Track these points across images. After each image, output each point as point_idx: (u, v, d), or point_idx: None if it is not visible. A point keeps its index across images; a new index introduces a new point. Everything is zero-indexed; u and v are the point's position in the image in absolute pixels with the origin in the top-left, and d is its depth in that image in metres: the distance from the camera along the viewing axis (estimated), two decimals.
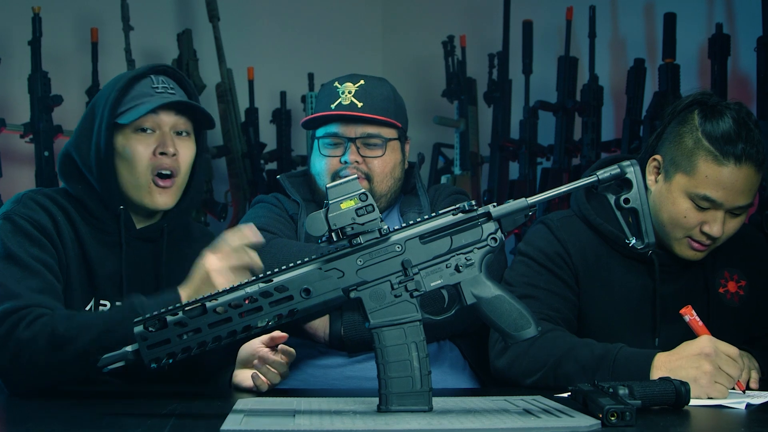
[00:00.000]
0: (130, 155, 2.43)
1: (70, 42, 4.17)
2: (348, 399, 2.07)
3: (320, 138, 2.85)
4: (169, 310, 1.84)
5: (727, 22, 3.66)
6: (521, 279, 2.62)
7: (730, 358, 2.22)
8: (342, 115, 2.81)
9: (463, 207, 1.92)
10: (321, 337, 2.67)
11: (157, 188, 2.45)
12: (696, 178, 2.43)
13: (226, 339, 1.87)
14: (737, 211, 2.47)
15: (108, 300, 2.44)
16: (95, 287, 2.43)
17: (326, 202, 1.86)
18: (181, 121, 2.48)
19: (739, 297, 2.65)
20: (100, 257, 2.44)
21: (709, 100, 2.49)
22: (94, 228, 2.45)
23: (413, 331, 1.87)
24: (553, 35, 4.29)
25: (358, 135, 2.81)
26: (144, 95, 2.44)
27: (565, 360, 2.39)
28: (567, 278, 2.61)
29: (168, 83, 2.48)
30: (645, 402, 1.92)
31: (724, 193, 2.41)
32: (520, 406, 1.94)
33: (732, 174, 2.40)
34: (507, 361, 2.50)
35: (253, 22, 4.61)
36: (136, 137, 2.44)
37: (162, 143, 2.44)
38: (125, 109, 2.43)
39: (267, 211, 2.87)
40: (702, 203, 2.44)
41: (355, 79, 2.86)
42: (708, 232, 2.46)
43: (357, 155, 2.80)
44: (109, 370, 1.87)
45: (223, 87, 4.27)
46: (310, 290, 1.86)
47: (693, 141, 2.44)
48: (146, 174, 2.44)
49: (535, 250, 2.64)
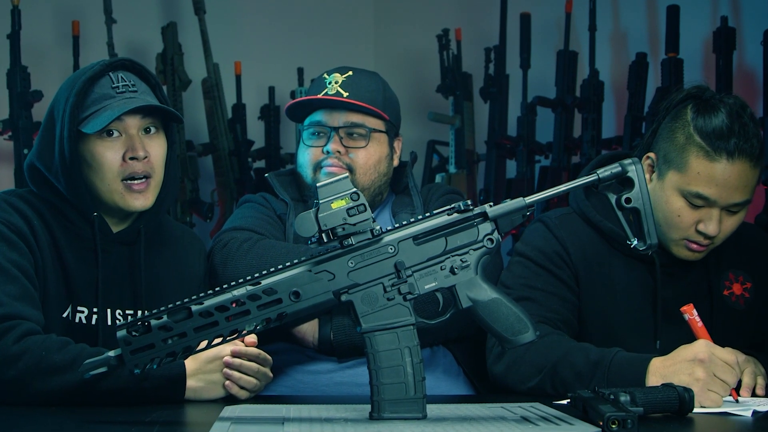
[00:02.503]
0: (99, 162, 2.38)
1: (50, 35, 4.16)
2: (339, 406, 2.07)
3: (305, 128, 2.87)
4: (153, 314, 1.84)
5: (732, 15, 3.66)
6: (518, 281, 2.61)
7: (727, 365, 2.22)
8: (325, 101, 2.82)
9: (459, 207, 1.93)
10: (310, 342, 2.67)
11: (132, 193, 2.40)
12: (688, 175, 2.43)
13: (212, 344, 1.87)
14: (734, 209, 2.46)
15: (85, 307, 2.42)
16: (72, 293, 2.41)
17: (316, 202, 1.86)
18: (147, 120, 2.42)
19: (744, 300, 2.65)
20: (77, 262, 2.42)
21: (703, 94, 2.50)
22: (70, 232, 2.43)
23: (406, 336, 1.87)
24: (552, 28, 4.30)
25: (341, 124, 2.82)
26: (105, 97, 2.37)
27: (561, 366, 2.39)
28: (566, 278, 2.60)
29: (128, 79, 2.41)
30: (647, 409, 1.92)
31: (717, 190, 2.41)
32: (518, 413, 1.94)
33: (725, 170, 2.39)
34: (504, 367, 2.49)
35: (241, 15, 4.60)
36: (103, 143, 2.37)
37: (131, 147, 2.38)
38: (87, 115, 2.36)
39: (254, 211, 2.86)
40: (695, 201, 2.43)
41: (343, 70, 2.87)
42: (704, 231, 2.45)
43: (339, 145, 2.80)
44: (90, 376, 1.88)
45: (210, 82, 4.26)
46: (299, 293, 1.87)
47: (684, 137, 2.44)
48: (116, 180, 2.39)
49: (532, 250, 2.64)
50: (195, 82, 4.24)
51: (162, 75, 4.16)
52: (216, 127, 4.26)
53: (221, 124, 4.27)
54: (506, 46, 4.27)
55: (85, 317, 2.42)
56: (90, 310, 2.43)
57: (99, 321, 2.42)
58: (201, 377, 2.28)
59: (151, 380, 2.17)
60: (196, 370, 2.27)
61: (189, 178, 4.16)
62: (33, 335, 2.19)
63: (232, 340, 1.90)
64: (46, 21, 4.16)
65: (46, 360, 2.15)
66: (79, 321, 2.41)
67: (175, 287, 2.56)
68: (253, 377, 2.32)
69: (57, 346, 2.18)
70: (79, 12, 4.13)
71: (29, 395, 2.16)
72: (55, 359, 2.15)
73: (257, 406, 2.13)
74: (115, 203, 2.41)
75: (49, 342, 2.18)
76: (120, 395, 2.16)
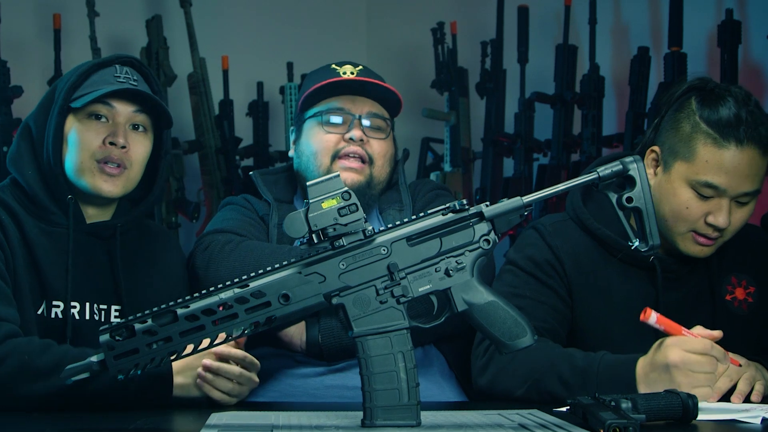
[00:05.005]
0: (78, 140, 2.43)
1: (30, 29, 4.16)
2: (330, 413, 2.07)
3: (322, 113, 2.85)
4: (137, 317, 1.83)
5: (737, 8, 3.66)
6: (507, 289, 2.59)
7: (699, 355, 2.21)
8: (351, 84, 2.83)
9: (454, 206, 1.92)
10: (297, 346, 2.66)
11: (102, 174, 2.43)
12: (696, 164, 2.42)
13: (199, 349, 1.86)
14: (743, 199, 2.46)
15: (61, 300, 2.42)
16: (46, 288, 2.41)
17: (306, 201, 1.86)
18: (138, 116, 2.48)
19: (747, 304, 2.64)
20: (49, 255, 2.43)
21: (706, 85, 2.50)
22: (42, 221, 2.44)
23: (400, 340, 1.87)
24: (551, 21, 4.30)
25: (364, 113, 2.83)
26: (103, 82, 2.44)
27: (547, 377, 2.39)
28: (557, 287, 2.60)
29: (132, 74, 2.48)
30: (649, 416, 1.92)
31: (726, 178, 2.40)
32: (515, 420, 1.94)
33: (734, 157, 2.39)
34: (488, 379, 2.49)
35: (228, 7, 4.60)
36: (88, 123, 2.44)
37: (113, 133, 2.43)
38: (81, 94, 2.43)
39: (235, 213, 2.86)
40: (704, 191, 2.43)
41: (354, 64, 2.90)
42: (713, 223, 2.44)
43: (362, 134, 2.81)
44: (72, 381, 1.87)
45: (196, 77, 4.26)
46: (289, 296, 1.86)
47: (691, 125, 2.44)
48: (90, 160, 2.43)
49: (522, 258, 2.64)
50: (180, 77, 4.24)
51: None
52: (202, 123, 4.25)
53: (208, 120, 4.26)
54: (503, 39, 4.27)
55: (61, 311, 2.42)
56: (66, 303, 2.42)
57: (65, 311, 2.42)
58: (189, 373, 2.28)
59: (138, 380, 2.16)
60: (184, 367, 2.27)
61: (174, 176, 4.15)
62: (13, 338, 2.19)
63: (221, 344, 1.90)
64: (27, 14, 4.15)
65: (29, 364, 2.15)
66: (56, 316, 2.41)
67: (153, 283, 2.58)
68: (236, 381, 2.31)
69: (39, 349, 2.18)
70: (61, 5, 4.12)
71: (11, 400, 2.16)
72: (37, 363, 2.15)
73: (245, 413, 2.13)
74: (84, 184, 2.44)
75: (32, 345, 2.18)
76: (106, 397, 2.16)
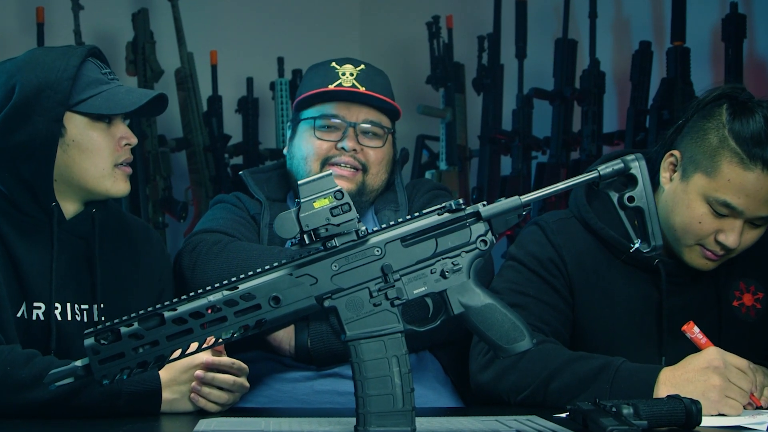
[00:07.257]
0: (97, 146, 2.43)
1: (13, 23, 4.16)
2: (322, 419, 2.07)
3: (316, 118, 2.84)
4: (123, 320, 1.83)
5: (742, 1, 3.66)
6: (509, 286, 2.59)
7: (740, 371, 2.22)
8: (347, 95, 2.82)
9: (450, 206, 1.91)
10: (286, 350, 2.66)
11: (122, 176, 2.48)
12: (717, 181, 2.40)
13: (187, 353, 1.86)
14: (758, 222, 2.44)
15: (42, 302, 2.42)
16: (26, 290, 2.41)
17: (298, 201, 1.85)
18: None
19: (755, 311, 2.62)
20: (28, 256, 2.41)
21: (740, 95, 2.46)
22: (20, 223, 2.43)
23: (394, 344, 1.86)
24: (550, 15, 4.30)
25: (360, 120, 2.82)
26: (99, 82, 2.44)
27: (561, 373, 2.37)
28: (560, 288, 2.59)
29: (105, 67, 2.51)
30: (651, 422, 1.91)
31: (746, 200, 2.39)
32: (513, 427, 1.94)
33: (758, 180, 2.37)
34: (492, 376, 2.47)
35: (217, 0, 4.60)
36: (99, 126, 2.44)
37: (125, 134, 2.47)
38: (87, 97, 2.41)
39: (226, 212, 2.86)
40: (720, 209, 2.41)
41: (355, 63, 2.88)
42: (723, 242, 2.43)
43: (356, 142, 2.81)
44: (56, 387, 1.87)
45: (183, 73, 4.26)
46: (279, 298, 1.85)
47: (718, 139, 2.41)
48: (109, 164, 2.45)
49: (526, 255, 2.63)
50: (168, 72, 4.24)
51: (133, 65, 4.17)
52: (190, 120, 4.26)
53: (196, 117, 4.27)
54: (501, 34, 4.28)
55: (43, 313, 2.41)
56: (48, 305, 2.42)
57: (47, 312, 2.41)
58: (176, 388, 2.27)
59: (125, 396, 2.16)
60: (171, 381, 2.26)
61: (161, 175, 4.15)
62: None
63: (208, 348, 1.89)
64: (9, 7, 4.15)
65: (11, 375, 2.14)
66: (37, 318, 2.41)
67: (135, 281, 2.58)
68: (229, 390, 2.31)
69: (22, 360, 2.17)
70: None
71: None
72: (21, 375, 2.14)
73: (234, 419, 2.12)
74: (102, 188, 2.46)
75: (14, 355, 2.17)
76: (92, 411, 2.16)
